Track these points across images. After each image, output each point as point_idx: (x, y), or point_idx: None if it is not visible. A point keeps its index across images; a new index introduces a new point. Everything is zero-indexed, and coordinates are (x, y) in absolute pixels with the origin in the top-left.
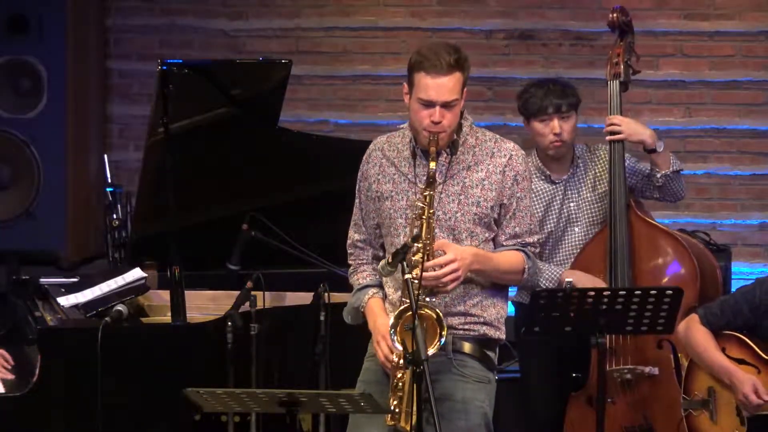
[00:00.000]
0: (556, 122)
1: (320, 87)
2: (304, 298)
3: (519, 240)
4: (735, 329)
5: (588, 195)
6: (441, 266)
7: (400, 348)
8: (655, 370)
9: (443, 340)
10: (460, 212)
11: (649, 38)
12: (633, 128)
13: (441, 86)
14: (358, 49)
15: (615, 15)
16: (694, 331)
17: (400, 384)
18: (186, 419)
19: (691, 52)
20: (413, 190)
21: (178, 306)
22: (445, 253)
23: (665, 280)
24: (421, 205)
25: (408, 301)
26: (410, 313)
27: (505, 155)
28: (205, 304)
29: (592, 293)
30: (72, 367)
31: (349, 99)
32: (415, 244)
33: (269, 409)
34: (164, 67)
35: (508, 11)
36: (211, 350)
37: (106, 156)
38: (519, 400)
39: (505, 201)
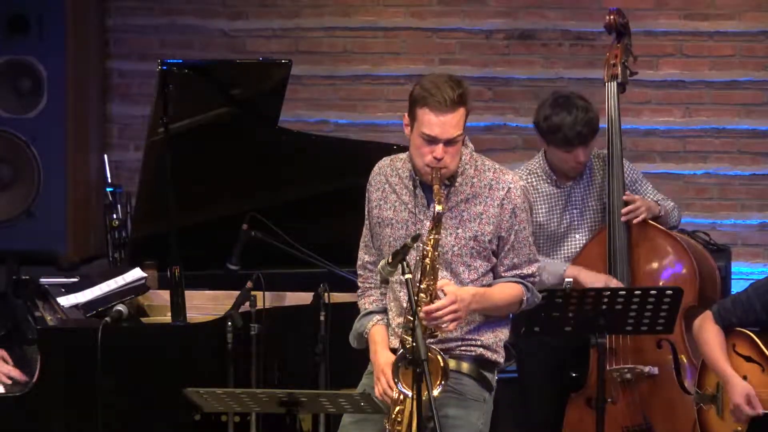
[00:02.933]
0: (580, 151)
1: (320, 87)
2: (304, 298)
3: (517, 271)
4: (748, 325)
5: (592, 204)
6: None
7: (405, 391)
8: (655, 370)
9: (440, 388)
10: (457, 246)
11: (648, 38)
12: (648, 204)
13: (445, 123)
14: (358, 49)
15: (612, 17)
16: (705, 328)
17: (400, 417)
18: (186, 419)
19: (691, 52)
20: (413, 220)
21: (178, 306)
22: (444, 294)
23: (664, 280)
24: (426, 247)
25: (409, 338)
26: (410, 356)
27: (503, 188)
28: (205, 304)
29: (592, 293)
30: (72, 367)
31: (349, 99)
32: (415, 244)
33: (269, 409)
34: (164, 67)
35: (508, 11)
36: (211, 350)
37: (106, 156)
38: (518, 401)
39: (503, 234)
